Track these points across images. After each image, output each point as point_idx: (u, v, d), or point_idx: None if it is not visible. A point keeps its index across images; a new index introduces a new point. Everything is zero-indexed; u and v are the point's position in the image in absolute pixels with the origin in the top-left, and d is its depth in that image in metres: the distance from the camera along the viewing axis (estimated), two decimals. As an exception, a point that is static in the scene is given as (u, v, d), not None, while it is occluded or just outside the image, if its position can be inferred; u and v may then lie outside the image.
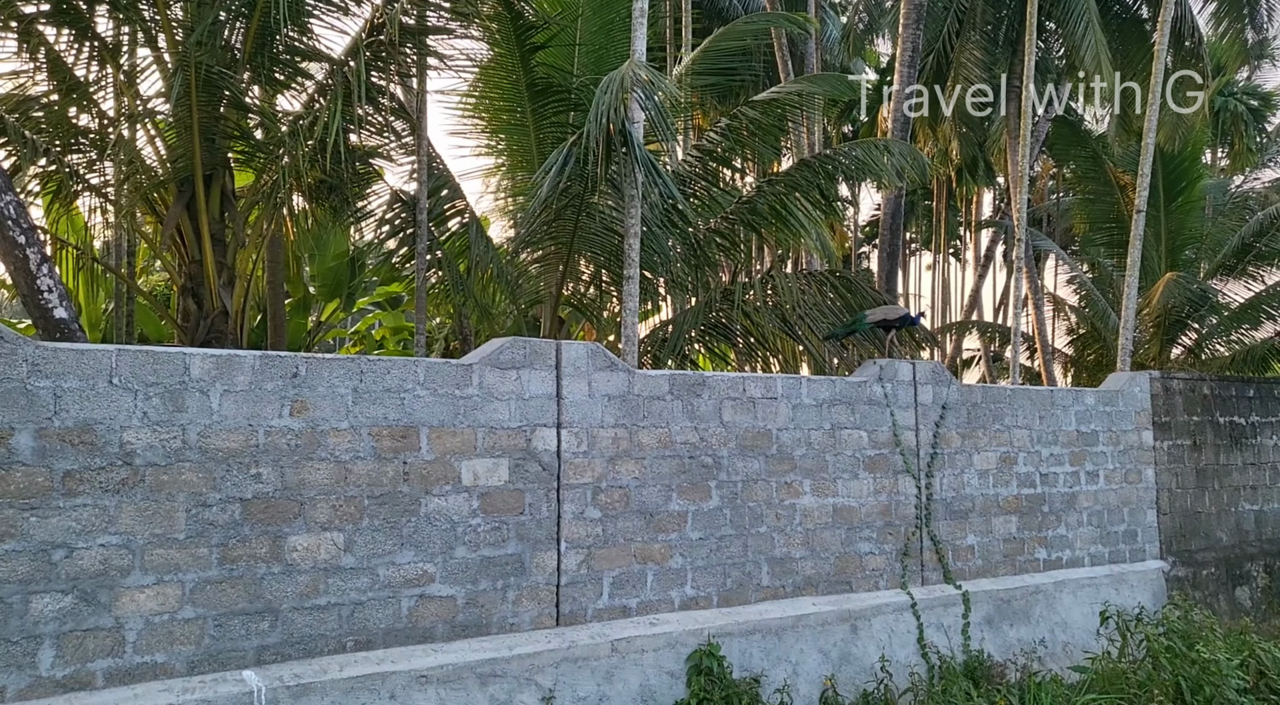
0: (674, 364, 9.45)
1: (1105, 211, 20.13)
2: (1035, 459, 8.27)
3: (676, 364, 9.54)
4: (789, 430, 6.73)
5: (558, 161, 7.55)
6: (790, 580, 6.62)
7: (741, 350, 10.07)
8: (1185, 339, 17.93)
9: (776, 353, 10.85)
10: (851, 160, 10.15)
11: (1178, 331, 17.59)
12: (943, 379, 7.71)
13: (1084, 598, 8.27)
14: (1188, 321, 17.44)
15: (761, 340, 9.56)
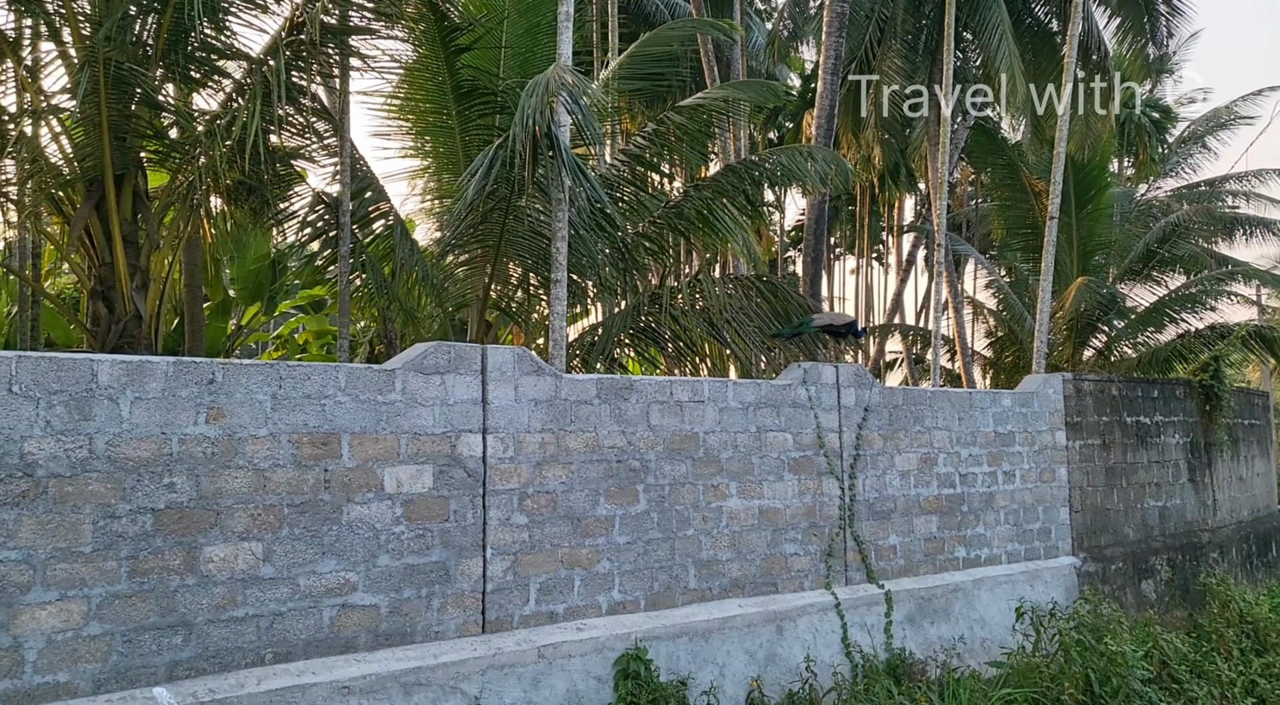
0: (603, 368, 9.45)
1: (1021, 217, 20.75)
2: (955, 459, 8.48)
3: (605, 368, 9.54)
4: (716, 433, 6.78)
5: (483, 165, 7.50)
6: (717, 582, 6.67)
7: (671, 354, 10.11)
8: (1096, 341, 18.58)
9: (705, 357, 10.94)
10: (776, 166, 10.29)
11: (1089, 334, 18.21)
12: (865, 382, 7.85)
13: (1001, 594, 8.50)
14: (1098, 324, 18.07)
15: (689, 344, 9.62)
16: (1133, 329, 18.98)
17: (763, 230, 37.50)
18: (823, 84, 11.64)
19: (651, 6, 20.08)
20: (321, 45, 8.50)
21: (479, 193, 7.69)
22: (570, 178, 7.75)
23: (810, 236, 12.23)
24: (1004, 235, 23.72)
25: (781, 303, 8.91)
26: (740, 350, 9.26)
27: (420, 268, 9.70)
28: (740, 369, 10.33)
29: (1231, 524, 11.36)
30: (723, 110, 10.04)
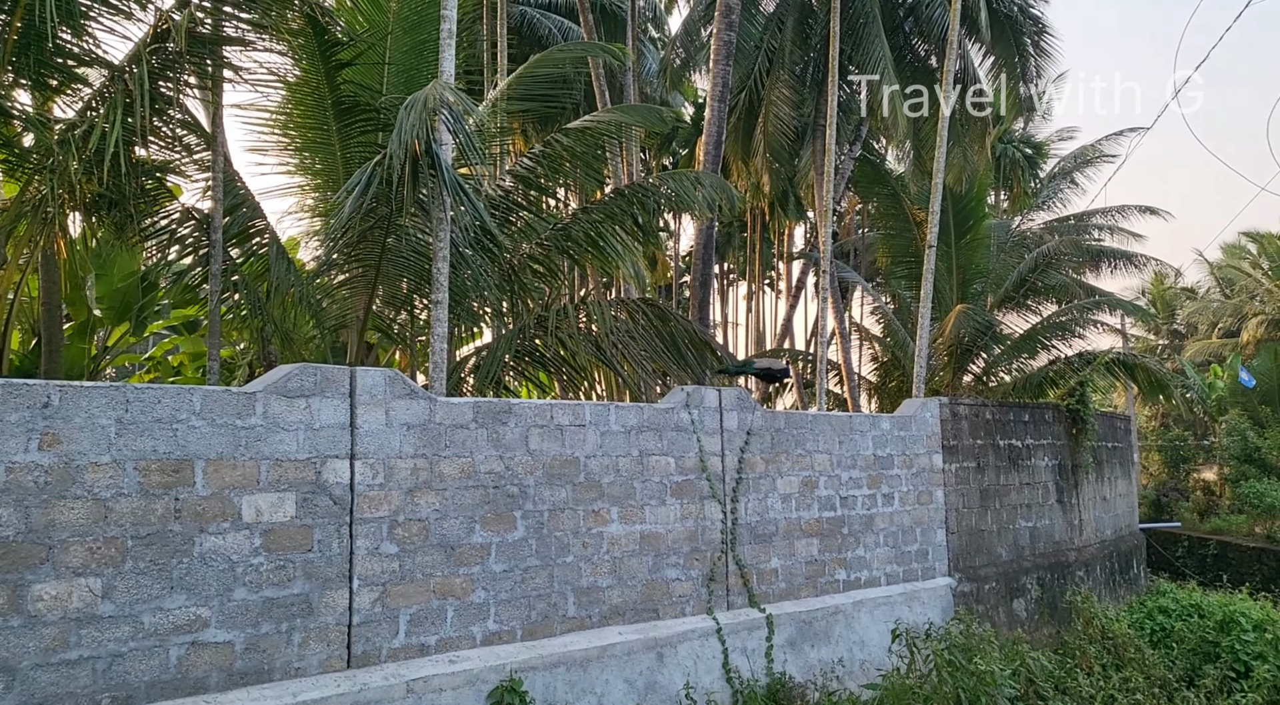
0: (491, 392, 9.27)
1: (904, 246, 21.41)
2: (836, 482, 8.60)
3: (493, 392, 9.36)
4: (597, 457, 6.70)
5: (360, 182, 7.30)
6: (597, 610, 6.56)
7: (564, 380, 9.99)
8: (975, 367, 19.25)
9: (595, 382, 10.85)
10: (665, 191, 10.33)
11: (968, 360, 18.85)
12: (747, 405, 7.90)
13: (880, 616, 8.63)
14: (976, 350, 18.74)
15: (577, 368, 9.52)
16: (1009, 355, 19.72)
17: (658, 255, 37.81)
18: (710, 111, 11.80)
19: (544, 30, 20.09)
20: (192, 55, 8.17)
21: (355, 211, 7.47)
22: (451, 197, 7.62)
23: (698, 262, 12.33)
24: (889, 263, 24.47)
25: (668, 326, 8.91)
26: (627, 375, 9.21)
27: (297, 287, 9.36)
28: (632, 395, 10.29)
29: (1096, 543, 11.86)
30: (612, 133, 10.04)
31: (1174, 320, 52.03)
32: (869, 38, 16.37)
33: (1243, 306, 43.05)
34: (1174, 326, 51.99)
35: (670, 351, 8.90)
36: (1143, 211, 30.06)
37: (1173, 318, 52.10)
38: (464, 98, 7.05)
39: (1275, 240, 42.81)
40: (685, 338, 8.84)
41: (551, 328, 8.68)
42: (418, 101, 6.72)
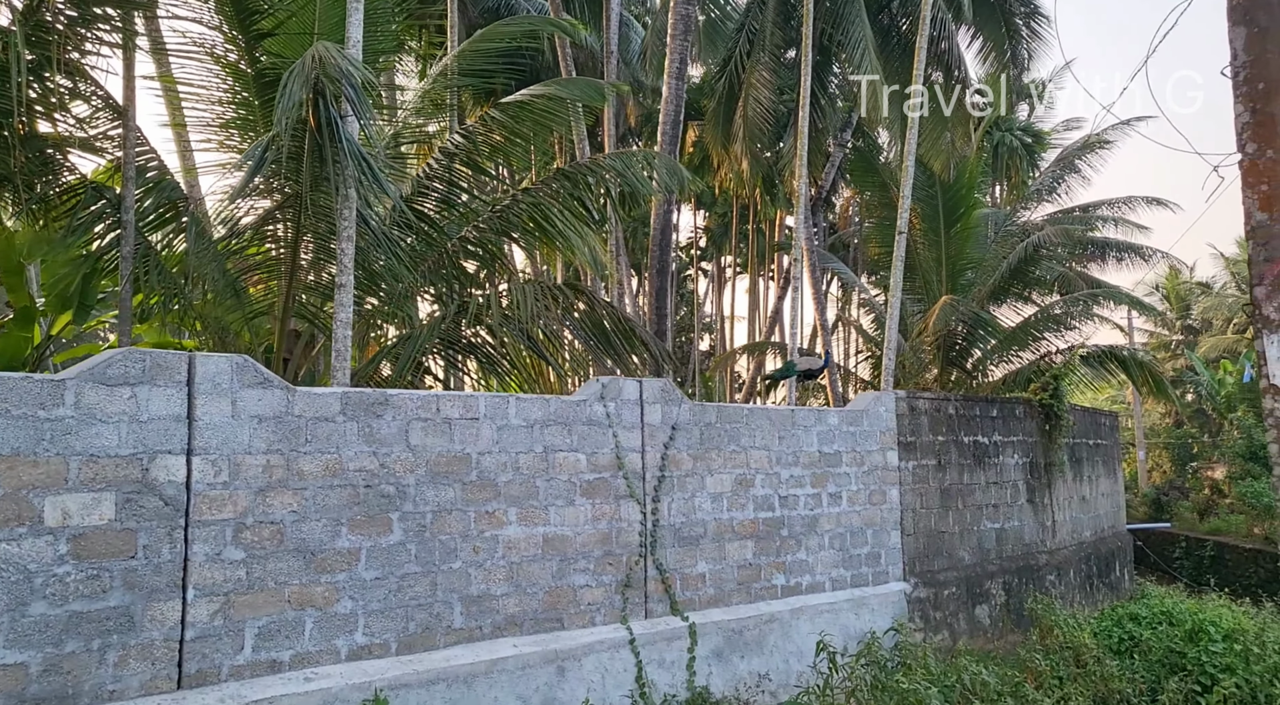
0: (408, 382, 8.75)
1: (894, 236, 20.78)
2: (774, 481, 8.04)
3: (409, 382, 8.84)
4: (493, 454, 6.16)
5: (256, 155, 6.79)
6: (489, 620, 6.03)
7: (497, 369, 9.46)
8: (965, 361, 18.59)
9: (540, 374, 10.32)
10: (611, 170, 9.77)
11: (957, 353, 18.22)
12: (673, 398, 7.34)
13: (822, 624, 8.07)
14: (965, 343, 18.08)
15: (504, 357, 8.99)
16: (1001, 349, 19.06)
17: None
18: (668, 89, 11.21)
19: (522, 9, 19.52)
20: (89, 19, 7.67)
21: (246, 187, 6.98)
22: (358, 171, 7.10)
23: (655, 248, 11.77)
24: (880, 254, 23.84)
25: (596, 314, 8.36)
26: (558, 363, 8.68)
27: (213, 272, 8.86)
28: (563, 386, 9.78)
29: (1072, 545, 11.25)
30: (549, 109, 9.49)
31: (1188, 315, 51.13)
32: (849, 17, 15.74)
33: (1257, 301, 42.10)
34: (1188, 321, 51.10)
35: (600, 340, 8.36)
36: (1149, 203, 29.25)
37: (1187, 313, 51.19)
38: (355, 62, 6.50)
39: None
40: (614, 325, 8.28)
41: (471, 313, 8.14)
42: (299, 68, 6.19)
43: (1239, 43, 3.23)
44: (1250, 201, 3.17)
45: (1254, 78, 3.22)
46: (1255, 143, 3.20)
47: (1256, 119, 3.19)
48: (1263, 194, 3.12)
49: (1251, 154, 3.19)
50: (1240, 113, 3.27)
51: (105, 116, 8.91)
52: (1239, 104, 3.28)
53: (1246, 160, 3.23)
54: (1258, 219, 3.12)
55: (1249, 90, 3.23)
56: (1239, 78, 3.23)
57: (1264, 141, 3.16)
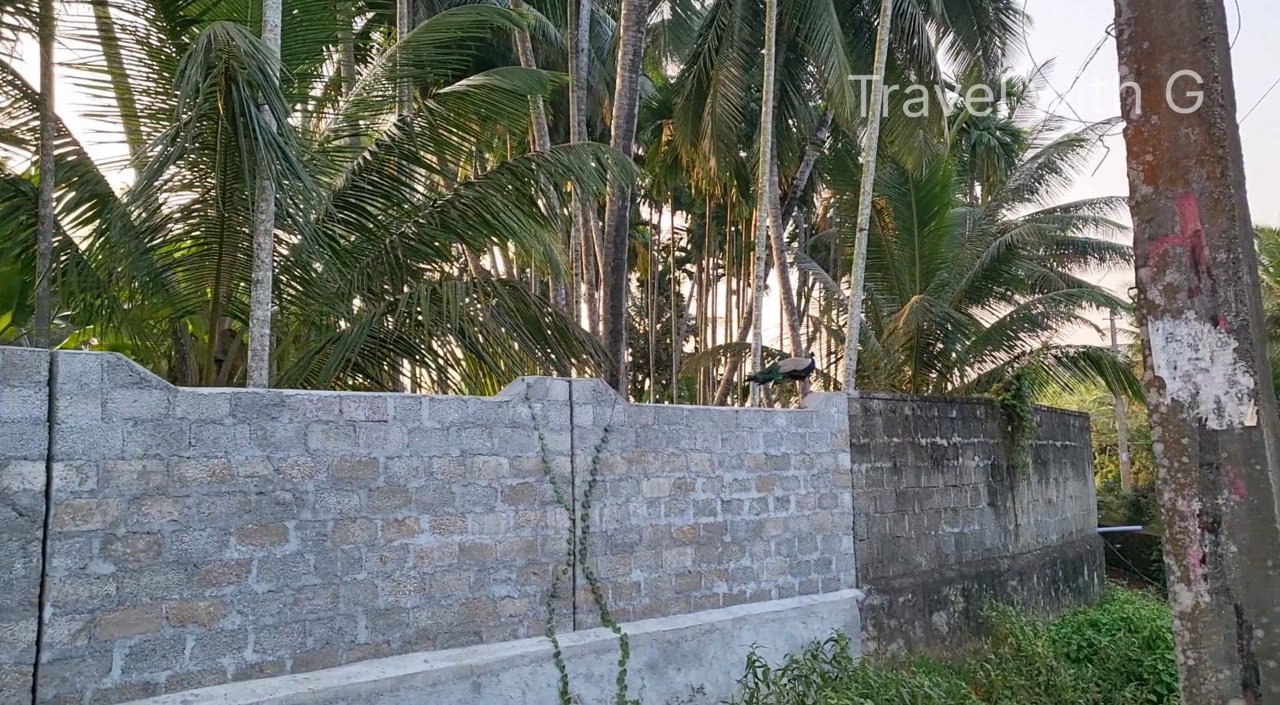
0: (340, 385, 8.40)
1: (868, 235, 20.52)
2: (717, 484, 7.71)
3: (343, 385, 8.49)
4: (403, 458, 5.82)
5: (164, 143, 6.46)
6: (398, 634, 5.68)
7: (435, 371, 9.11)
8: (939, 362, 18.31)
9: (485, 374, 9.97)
10: (559, 165, 9.45)
11: (929, 353, 17.94)
12: (605, 398, 7.01)
13: (767, 634, 7.75)
14: (937, 344, 17.80)
15: (437, 357, 8.64)
16: (975, 349, 18.77)
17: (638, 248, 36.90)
18: (621, 82, 10.90)
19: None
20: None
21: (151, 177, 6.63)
22: (271, 161, 6.76)
23: (610, 245, 11.42)
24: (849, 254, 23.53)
25: (529, 311, 8.02)
26: (494, 361, 8.33)
27: (140, 270, 8.49)
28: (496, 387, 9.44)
29: (1036, 549, 10.96)
30: (493, 101, 9.16)
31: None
32: (817, 11, 15.45)
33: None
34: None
35: (536, 339, 8.03)
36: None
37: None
38: (260, 44, 6.16)
39: (1275, 236, 41.80)
40: (549, 324, 7.95)
41: (400, 311, 7.79)
42: (194, 51, 5.84)
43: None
44: (1135, 173, 2.86)
45: (1138, 36, 2.91)
46: (1139, 108, 2.90)
47: (1141, 82, 2.89)
48: (1148, 164, 2.82)
49: (1135, 121, 2.89)
50: (1125, 75, 2.96)
51: (26, 107, 8.56)
52: (1123, 66, 2.97)
53: (1131, 128, 2.92)
54: (1142, 192, 2.82)
55: (1133, 50, 2.92)
56: (1123, 36, 2.93)
57: (1148, 106, 2.85)
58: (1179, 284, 2.61)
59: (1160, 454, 2.63)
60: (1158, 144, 2.77)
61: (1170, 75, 2.79)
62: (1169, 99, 2.76)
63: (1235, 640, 2.48)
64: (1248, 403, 2.44)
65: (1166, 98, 2.76)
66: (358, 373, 9.04)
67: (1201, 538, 2.52)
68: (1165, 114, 2.76)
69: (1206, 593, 2.52)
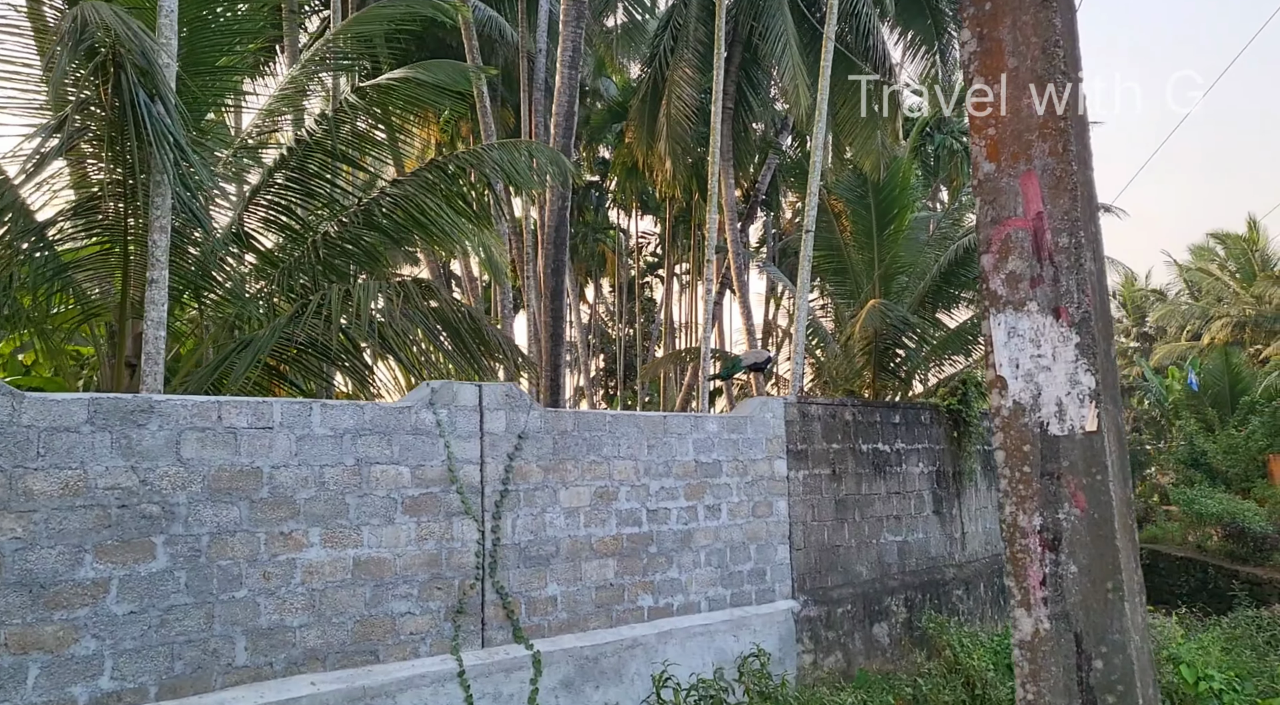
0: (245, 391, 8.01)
1: (827, 240, 20.34)
2: (642, 493, 7.40)
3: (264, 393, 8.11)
4: (290, 468, 5.47)
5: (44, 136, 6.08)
6: (282, 655, 5.32)
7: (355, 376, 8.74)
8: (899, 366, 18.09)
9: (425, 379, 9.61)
10: (490, 161, 9.12)
11: (888, 359, 17.72)
12: (519, 404, 6.69)
13: (695, 648, 7.44)
14: (896, 348, 17.59)
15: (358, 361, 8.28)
16: (936, 354, 18.57)
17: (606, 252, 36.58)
18: (560, 78, 10.59)
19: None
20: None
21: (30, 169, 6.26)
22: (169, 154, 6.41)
23: (549, 245, 11.10)
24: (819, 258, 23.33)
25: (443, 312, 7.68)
26: (414, 366, 7.98)
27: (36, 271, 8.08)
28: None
29: (985, 557, 10.72)
30: (418, 96, 8.83)
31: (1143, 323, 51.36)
32: (770, 11, 15.23)
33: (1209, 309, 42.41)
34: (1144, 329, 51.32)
35: (453, 341, 7.69)
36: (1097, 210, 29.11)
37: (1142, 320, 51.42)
38: (133, 27, 5.81)
39: (1241, 242, 42.11)
40: (465, 325, 7.61)
41: (307, 314, 7.43)
42: (65, 33, 5.49)
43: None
44: (978, 149, 2.60)
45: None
46: (982, 77, 2.63)
47: (984, 47, 2.62)
48: (990, 139, 2.55)
49: (978, 90, 2.62)
50: (967, 40, 2.69)
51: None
52: (966, 29, 2.70)
53: (974, 98, 2.66)
54: (985, 170, 2.55)
55: (976, 12, 2.65)
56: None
57: (991, 74, 2.59)
58: (1021, 272, 2.33)
59: (1001, 463, 2.35)
60: (999, 116, 2.50)
61: (1012, 39, 2.52)
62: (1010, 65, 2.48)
63: (1075, 671, 2.21)
64: (1089, 405, 2.16)
65: (1008, 63, 2.49)
66: (282, 381, 8.67)
67: (1042, 557, 2.24)
68: (1007, 82, 2.48)
69: (1046, 619, 2.24)
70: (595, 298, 43.39)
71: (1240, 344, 37.78)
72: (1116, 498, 2.13)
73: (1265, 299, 36.24)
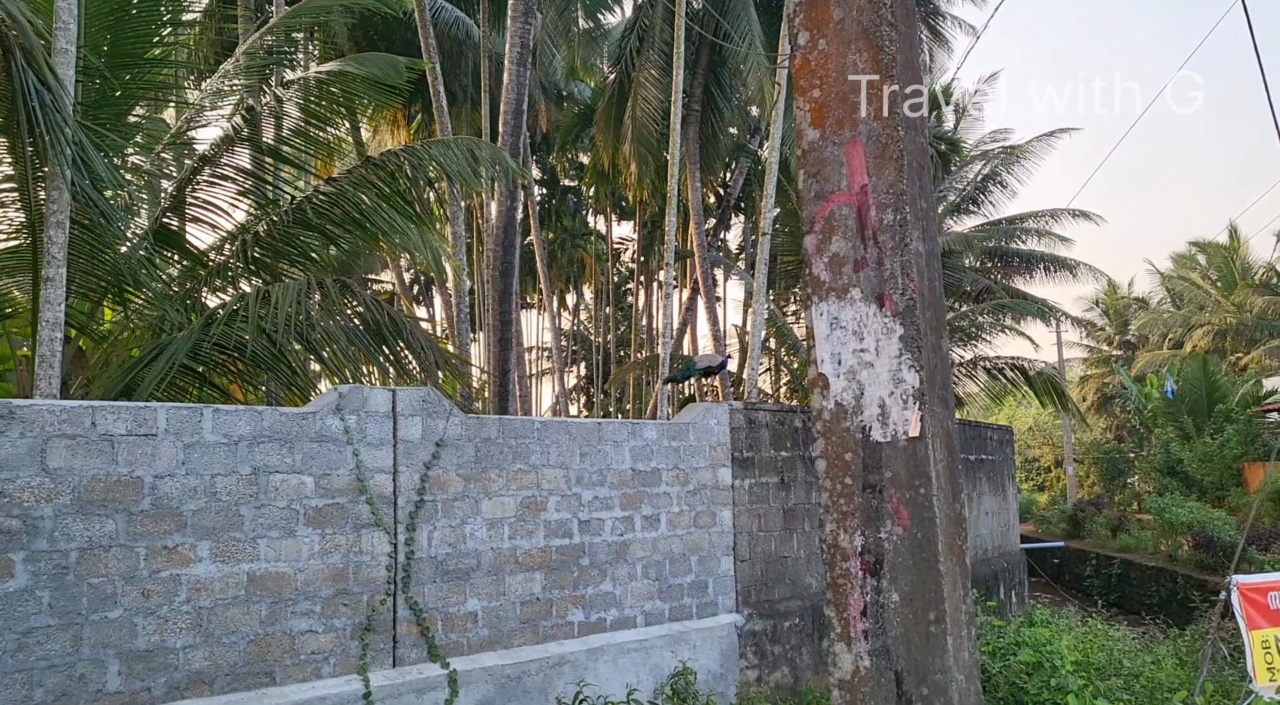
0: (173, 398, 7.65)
1: (798, 244, 20.12)
2: (574, 503, 7.07)
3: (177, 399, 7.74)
4: (177, 477, 5.12)
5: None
6: (163, 679, 4.97)
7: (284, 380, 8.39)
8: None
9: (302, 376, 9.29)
10: (430, 159, 8.80)
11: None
12: (438, 410, 6.35)
13: (629, 665, 7.11)
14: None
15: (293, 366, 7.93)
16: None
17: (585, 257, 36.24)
18: (509, 76, 10.28)
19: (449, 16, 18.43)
20: None
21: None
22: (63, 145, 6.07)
23: (499, 247, 10.77)
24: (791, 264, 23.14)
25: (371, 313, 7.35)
26: (343, 371, 7.64)
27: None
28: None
29: (943, 568, 10.41)
30: (351, 89, 8.52)
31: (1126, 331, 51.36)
32: (735, 10, 14.97)
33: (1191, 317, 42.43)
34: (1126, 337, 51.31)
35: (378, 344, 7.35)
36: (1075, 216, 28.93)
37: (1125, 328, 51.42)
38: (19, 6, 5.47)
39: (1222, 251, 42.09)
40: (388, 327, 7.28)
41: (223, 317, 7.08)
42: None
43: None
44: (802, 114, 2.30)
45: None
46: (807, 31, 2.33)
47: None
48: (815, 102, 2.26)
49: (804, 46, 2.33)
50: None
51: None
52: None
53: (798, 55, 2.36)
54: (809, 138, 2.26)
55: None
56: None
57: (816, 28, 2.30)
58: (845, 255, 2.04)
59: (823, 474, 2.04)
60: (825, 75, 2.21)
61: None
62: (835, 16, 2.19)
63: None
64: (912, 406, 1.86)
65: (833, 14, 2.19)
66: (212, 388, 8.31)
67: (864, 583, 1.93)
68: (833, 36, 2.19)
69: (866, 655, 1.93)
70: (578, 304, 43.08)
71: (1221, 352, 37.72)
72: (942, 514, 1.82)
73: (1245, 307, 36.21)
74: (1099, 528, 22.21)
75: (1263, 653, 6.07)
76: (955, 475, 1.94)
